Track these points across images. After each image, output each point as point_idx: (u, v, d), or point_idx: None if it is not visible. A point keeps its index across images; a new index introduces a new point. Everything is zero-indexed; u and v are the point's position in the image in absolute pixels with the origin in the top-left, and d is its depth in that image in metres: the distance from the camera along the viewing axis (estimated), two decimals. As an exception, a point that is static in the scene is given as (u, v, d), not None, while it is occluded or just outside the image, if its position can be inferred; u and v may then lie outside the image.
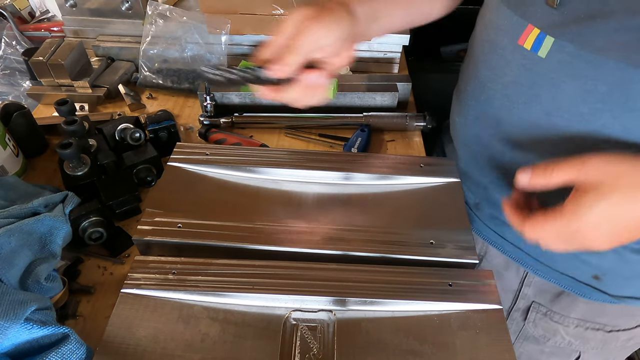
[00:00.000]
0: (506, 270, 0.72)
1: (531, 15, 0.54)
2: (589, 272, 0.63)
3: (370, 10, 0.59)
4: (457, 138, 0.73)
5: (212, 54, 0.94)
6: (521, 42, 0.56)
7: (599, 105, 0.51)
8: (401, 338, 0.51)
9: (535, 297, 0.71)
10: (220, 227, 0.58)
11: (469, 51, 0.69)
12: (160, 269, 0.57)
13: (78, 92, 0.91)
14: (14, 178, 0.68)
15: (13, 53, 1.06)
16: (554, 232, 0.48)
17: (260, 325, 0.52)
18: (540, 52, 0.54)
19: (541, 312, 0.71)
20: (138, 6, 0.97)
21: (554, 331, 0.72)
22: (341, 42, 0.54)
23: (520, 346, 0.77)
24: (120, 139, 0.75)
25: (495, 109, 0.61)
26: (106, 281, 0.60)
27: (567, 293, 0.67)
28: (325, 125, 0.87)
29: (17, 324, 0.45)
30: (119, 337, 0.50)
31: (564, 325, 0.70)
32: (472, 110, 0.66)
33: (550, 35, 0.52)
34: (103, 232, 0.62)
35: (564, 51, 0.52)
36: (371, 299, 0.54)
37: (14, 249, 0.53)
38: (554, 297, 0.69)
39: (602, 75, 0.50)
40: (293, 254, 0.57)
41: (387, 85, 0.89)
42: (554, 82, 0.54)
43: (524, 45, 0.55)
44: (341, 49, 0.55)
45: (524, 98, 0.57)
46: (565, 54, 0.52)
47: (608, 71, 0.49)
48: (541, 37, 0.53)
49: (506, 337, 0.51)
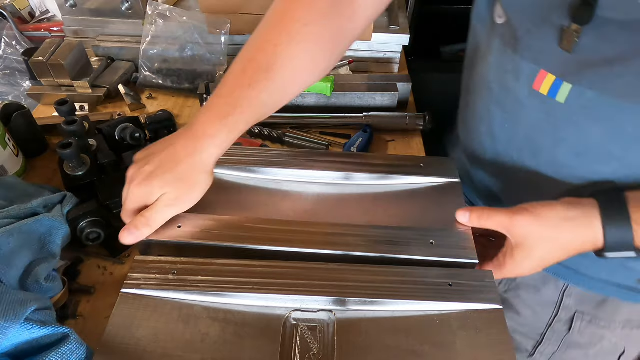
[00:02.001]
0: (544, 285, 0.71)
1: (543, 61, 0.52)
2: (634, 277, 0.63)
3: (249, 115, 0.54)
4: (472, 160, 0.73)
5: (212, 54, 0.94)
6: (536, 88, 0.54)
7: (630, 144, 0.51)
8: (401, 338, 0.51)
9: (577, 306, 0.69)
10: (221, 227, 0.58)
11: (468, 85, 0.68)
12: (160, 269, 0.57)
13: (78, 92, 0.91)
14: (13, 178, 0.68)
15: (13, 53, 1.06)
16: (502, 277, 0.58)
17: (260, 325, 0.52)
18: (559, 98, 0.52)
19: (586, 320, 0.70)
20: (138, 6, 0.97)
21: (601, 337, 0.71)
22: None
23: (564, 353, 0.75)
24: (120, 139, 0.75)
25: (518, 150, 0.61)
26: (106, 281, 0.60)
27: (611, 299, 0.66)
28: (326, 125, 0.87)
29: (17, 324, 0.45)
30: (119, 337, 0.50)
31: (610, 329, 0.69)
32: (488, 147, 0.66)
33: (568, 82, 0.51)
34: (101, 232, 0.62)
35: (584, 97, 0.50)
36: (371, 299, 0.54)
37: (14, 250, 0.53)
38: (598, 305, 0.68)
39: (627, 118, 0.49)
40: (293, 254, 0.57)
41: (387, 85, 0.89)
42: (578, 125, 0.53)
43: (540, 90, 0.54)
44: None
45: (550, 141, 0.57)
46: (585, 100, 0.51)
47: (632, 114, 0.49)
48: (557, 83, 0.52)
49: (506, 337, 0.51)
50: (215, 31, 0.94)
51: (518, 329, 0.79)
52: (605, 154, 0.53)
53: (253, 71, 0.53)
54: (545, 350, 0.76)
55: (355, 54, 1.00)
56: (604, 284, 0.65)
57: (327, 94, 0.84)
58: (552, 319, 0.73)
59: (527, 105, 0.57)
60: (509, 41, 0.56)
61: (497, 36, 0.58)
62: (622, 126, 0.50)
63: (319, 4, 0.54)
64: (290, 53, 0.53)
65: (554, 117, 0.54)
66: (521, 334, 0.78)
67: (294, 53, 0.53)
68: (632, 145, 0.51)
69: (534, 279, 0.72)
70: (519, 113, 0.58)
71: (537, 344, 0.77)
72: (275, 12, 0.55)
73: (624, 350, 0.73)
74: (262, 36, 0.55)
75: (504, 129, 0.62)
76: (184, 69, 0.94)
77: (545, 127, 0.56)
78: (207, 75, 0.94)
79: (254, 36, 0.55)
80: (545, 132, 0.57)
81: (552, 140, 0.56)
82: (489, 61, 0.61)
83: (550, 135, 0.56)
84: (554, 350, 0.75)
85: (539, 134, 0.58)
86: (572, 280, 0.67)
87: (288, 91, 0.57)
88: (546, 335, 0.74)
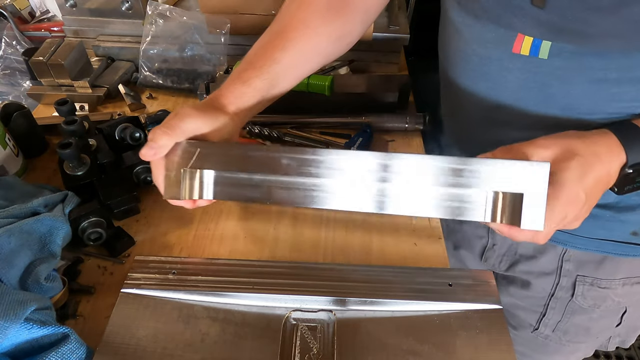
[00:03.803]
0: (542, 254, 0.72)
1: (518, 24, 0.54)
2: (628, 230, 0.64)
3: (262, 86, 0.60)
4: (458, 142, 0.73)
5: (212, 54, 0.94)
6: (516, 51, 0.55)
7: (615, 90, 0.52)
8: (401, 338, 0.51)
9: (578, 270, 0.71)
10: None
11: (446, 67, 0.69)
12: (160, 269, 0.57)
13: (78, 92, 0.91)
14: (13, 178, 0.68)
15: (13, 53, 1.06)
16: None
17: (260, 325, 0.52)
18: (541, 55, 0.54)
19: (587, 282, 0.71)
20: (138, 6, 0.97)
21: (604, 297, 0.72)
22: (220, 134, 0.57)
23: (568, 321, 0.76)
24: (120, 139, 0.75)
25: (507, 113, 0.61)
26: (106, 281, 0.60)
27: (610, 258, 0.67)
28: (326, 125, 0.87)
29: (17, 324, 0.45)
30: (119, 337, 0.50)
31: (612, 288, 0.71)
32: (476, 119, 0.66)
33: (547, 40, 0.52)
34: (102, 232, 0.62)
35: (565, 51, 0.52)
36: (371, 299, 0.54)
37: (14, 249, 0.53)
38: (597, 265, 0.69)
39: (609, 65, 0.50)
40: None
41: (387, 85, 0.89)
42: (563, 78, 0.54)
43: (521, 52, 0.55)
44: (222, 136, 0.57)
45: (537, 99, 0.57)
46: (567, 53, 0.52)
47: (613, 60, 0.50)
48: (537, 43, 0.53)
49: (506, 337, 0.51)
50: (215, 31, 0.94)
51: (519, 304, 0.80)
52: (592, 105, 0.54)
53: (262, 59, 0.60)
54: (549, 321, 0.77)
55: (355, 54, 1.00)
56: (599, 242, 0.66)
57: (327, 93, 0.84)
58: (554, 288, 0.74)
59: (511, 69, 0.57)
60: (480, 13, 0.57)
61: (468, 10, 0.59)
62: (606, 74, 0.51)
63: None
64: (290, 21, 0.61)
65: (540, 75, 0.55)
66: (523, 309, 0.80)
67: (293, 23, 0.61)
68: (615, 94, 0.52)
69: (533, 249, 0.73)
70: (505, 78, 0.59)
71: (541, 316, 0.78)
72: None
73: (625, 309, 0.74)
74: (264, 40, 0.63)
75: (491, 99, 0.62)
76: (184, 69, 0.94)
77: (532, 85, 0.57)
78: (207, 75, 0.94)
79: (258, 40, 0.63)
80: (532, 91, 0.57)
81: (540, 98, 0.57)
82: (464, 35, 0.61)
83: (537, 93, 0.57)
84: (558, 320, 0.76)
85: (527, 94, 0.58)
86: (570, 244, 0.68)
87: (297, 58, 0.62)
88: (549, 304, 0.76)
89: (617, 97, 0.53)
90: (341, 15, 0.63)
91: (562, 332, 0.78)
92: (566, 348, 0.81)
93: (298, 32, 0.61)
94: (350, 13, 0.64)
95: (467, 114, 0.68)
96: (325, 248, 0.64)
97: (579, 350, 0.82)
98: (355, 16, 0.65)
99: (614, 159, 0.49)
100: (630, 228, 0.64)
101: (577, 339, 0.79)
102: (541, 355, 0.85)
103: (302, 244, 0.65)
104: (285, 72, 0.61)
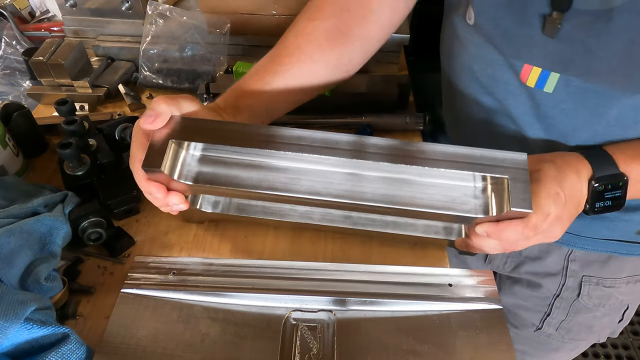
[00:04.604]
0: (547, 254, 0.73)
1: (527, 55, 0.54)
2: (632, 229, 0.65)
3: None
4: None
5: (212, 54, 0.94)
6: (524, 80, 0.56)
7: (613, 123, 0.54)
8: (401, 338, 0.51)
9: (583, 270, 0.71)
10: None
11: (450, 75, 0.69)
12: (160, 269, 0.57)
13: (78, 92, 0.91)
14: (13, 178, 0.68)
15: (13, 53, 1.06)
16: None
17: (260, 325, 0.52)
18: (547, 88, 0.55)
19: (593, 282, 0.72)
20: (138, 6, 0.97)
21: (608, 296, 0.72)
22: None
23: (572, 320, 0.77)
24: (120, 139, 0.75)
25: (509, 132, 0.62)
26: (106, 281, 0.60)
27: (615, 257, 0.68)
28: (326, 125, 0.87)
29: (17, 324, 0.45)
30: (119, 337, 0.50)
31: (616, 287, 0.71)
32: (479, 131, 0.67)
33: (555, 72, 0.53)
34: (102, 232, 0.62)
35: (571, 85, 0.53)
36: (371, 299, 0.54)
37: (14, 249, 0.53)
38: (602, 265, 0.70)
39: (610, 103, 0.52)
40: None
41: (387, 85, 0.89)
42: (566, 111, 0.55)
43: (527, 83, 0.56)
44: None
45: (539, 126, 0.59)
46: (573, 87, 0.53)
47: (616, 99, 0.51)
48: (544, 75, 0.54)
49: (506, 337, 0.51)
50: (215, 31, 0.94)
51: (523, 304, 0.80)
52: (592, 133, 0.56)
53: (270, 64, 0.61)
54: (553, 320, 0.78)
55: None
56: (605, 242, 0.66)
57: (327, 94, 0.84)
58: (560, 288, 0.74)
59: (517, 94, 0.58)
60: (489, 38, 0.57)
61: (477, 30, 0.59)
62: (606, 110, 0.53)
63: (328, 7, 0.62)
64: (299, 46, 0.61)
65: (543, 106, 0.57)
66: (527, 309, 0.80)
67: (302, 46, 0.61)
68: (615, 125, 0.54)
69: (538, 251, 0.73)
70: (509, 101, 0.60)
71: (545, 316, 0.78)
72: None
73: (627, 306, 0.75)
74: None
75: (496, 115, 0.62)
76: (184, 69, 0.94)
77: (535, 114, 0.58)
78: (207, 75, 0.94)
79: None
80: (534, 119, 0.59)
81: (540, 125, 0.59)
82: (472, 52, 0.61)
83: (539, 121, 0.58)
84: (562, 319, 0.77)
85: (529, 120, 0.59)
86: (576, 244, 0.68)
87: (297, 75, 0.61)
88: (554, 304, 0.76)
89: (616, 127, 0.54)
90: (339, 45, 0.62)
91: (565, 330, 0.78)
92: (567, 345, 0.81)
93: (292, 58, 0.60)
94: (349, 43, 0.63)
95: (472, 125, 0.68)
96: (325, 248, 0.64)
97: (579, 347, 0.83)
98: (354, 46, 0.64)
99: (583, 168, 0.51)
100: (635, 227, 0.65)
101: (579, 337, 0.79)
102: (542, 353, 0.85)
103: (302, 244, 0.65)
104: (277, 96, 0.60)
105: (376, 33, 0.65)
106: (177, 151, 0.51)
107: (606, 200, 0.52)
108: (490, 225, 0.49)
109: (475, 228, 0.50)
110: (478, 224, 0.50)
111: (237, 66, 0.89)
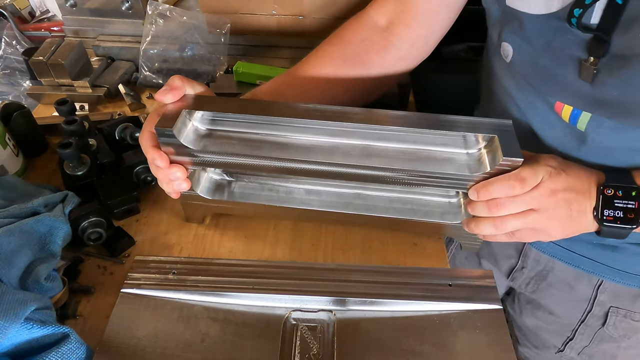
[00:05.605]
0: (577, 282, 0.71)
1: (559, 94, 0.54)
2: None
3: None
4: None
5: (212, 54, 0.94)
6: (558, 111, 0.56)
7: None
8: (401, 338, 0.51)
9: (612, 302, 0.70)
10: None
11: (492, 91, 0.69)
12: (160, 269, 0.57)
13: (78, 92, 0.91)
14: (13, 178, 0.68)
15: (13, 53, 1.06)
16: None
17: (260, 325, 0.52)
18: (579, 126, 0.55)
19: (620, 314, 0.70)
20: (138, 6, 0.97)
21: (636, 330, 0.71)
22: None
23: (596, 347, 0.76)
24: (120, 139, 0.75)
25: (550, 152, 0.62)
26: (106, 281, 0.60)
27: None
28: (325, 125, 0.87)
29: (17, 324, 0.45)
30: (119, 337, 0.50)
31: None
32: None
33: (587, 112, 0.53)
34: (102, 232, 0.62)
35: (603, 126, 0.53)
36: (371, 299, 0.54)
37: (14, 249, 0.53)
38: (633, 298, 0.68)
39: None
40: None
41: (387, 85, 0.88)
42: (602, 145, 0.55)
43: (561, 115, 0.56)
44: None
45: (577, 154, 0.58)
46: (605, 128, 0.53)
47: None
48: (576, 113, 0.54)
49: (506, 337, 0.51)
50: (215, 31, 0.94)
51: (545, 327, 0.79)
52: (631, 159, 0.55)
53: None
54: (575, 345, 0.77)
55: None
56: (638, 278, 0.65)
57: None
58: (585, 315, 0.73)
59: (554, 124, 0.58)
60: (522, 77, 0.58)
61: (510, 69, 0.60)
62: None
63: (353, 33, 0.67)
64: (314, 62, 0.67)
65: (578, 140, 0.56)
66: (549, 332, 0.79)
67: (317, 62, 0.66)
68: None
69: (568, 277, 0.72)
70: (546, 131, 0.60)
71: (567, 340, 0.77)
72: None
73: None
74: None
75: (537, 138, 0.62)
76: (184, 69, 0.94)
77: (572, 144, 0.58)
78: (207, 75, 0.94)
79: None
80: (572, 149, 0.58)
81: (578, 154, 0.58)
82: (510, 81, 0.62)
83: (577, 151, 0.58)
84: (585, 345, 0.76)
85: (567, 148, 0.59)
86: (607, 276, 0.67)
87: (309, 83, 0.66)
88: (578, 330, 0.75)
89: None
90: (355, 70, 0.66)
91: (587, 356, 0.77)
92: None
93: (306, 73, 0.65)
94: (366, 70, 0.67)
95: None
96: (325, 248, 0.64)
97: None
98: (370, 73, 0.67)
99: (594, 172, 0.52)
100: None
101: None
102: None
103: (302, 244, 0.65)
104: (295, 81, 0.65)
105: (393, 65, 0.68)
106: (186, 122, 0.55)
107: (617, 210, 0.50)
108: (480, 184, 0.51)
109: (468, 192, 0.52)
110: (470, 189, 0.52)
111: (237, 66, 0.89)
